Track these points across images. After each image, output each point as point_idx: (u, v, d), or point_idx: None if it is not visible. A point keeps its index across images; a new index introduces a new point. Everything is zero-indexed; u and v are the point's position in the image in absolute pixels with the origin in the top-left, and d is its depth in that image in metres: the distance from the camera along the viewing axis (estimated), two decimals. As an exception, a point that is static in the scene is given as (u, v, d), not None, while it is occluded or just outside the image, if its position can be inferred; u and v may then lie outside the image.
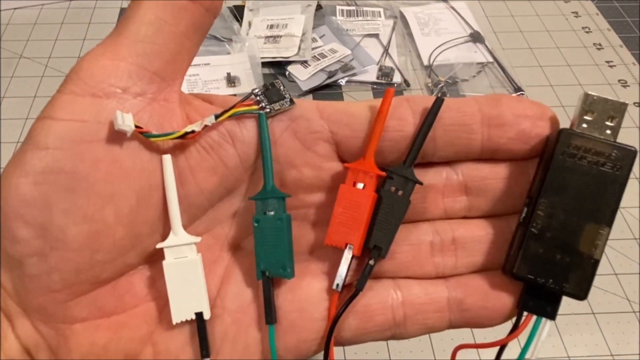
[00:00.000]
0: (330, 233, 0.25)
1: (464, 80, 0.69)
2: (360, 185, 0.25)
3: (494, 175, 0.26)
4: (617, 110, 0.23)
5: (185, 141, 0.24)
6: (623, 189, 0.23)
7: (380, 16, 0.76)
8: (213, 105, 0.26)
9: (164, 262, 0.24)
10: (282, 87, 0.26)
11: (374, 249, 0.25)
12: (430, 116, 0.25)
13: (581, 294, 0.23)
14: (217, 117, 0.24)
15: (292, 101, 0.26)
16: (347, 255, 0.25)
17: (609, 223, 0.23)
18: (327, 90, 0.68)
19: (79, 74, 0.23)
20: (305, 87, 0.67)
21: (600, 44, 0.74)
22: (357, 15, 0.76)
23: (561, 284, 0.23)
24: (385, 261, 0.26)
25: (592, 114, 0.23)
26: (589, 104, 0.23)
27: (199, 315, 0.25)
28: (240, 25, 0.73)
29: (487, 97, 0.25)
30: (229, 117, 0.25)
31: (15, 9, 0.74)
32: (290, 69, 0.68)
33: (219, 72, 0.66)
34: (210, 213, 0.26)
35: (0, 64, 0.69)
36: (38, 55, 0.70)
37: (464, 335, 0.47)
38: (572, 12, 0.79)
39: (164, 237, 0.25)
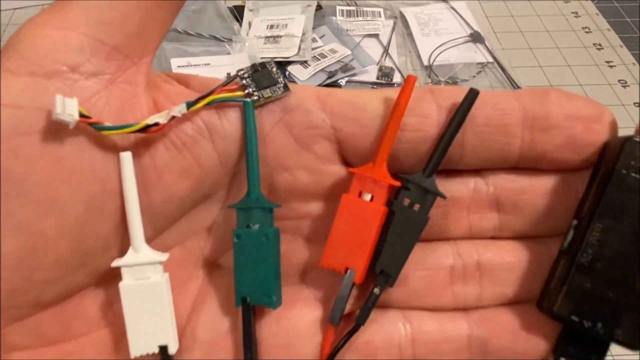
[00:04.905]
0: (328, 253, 0.20)
1: (464, 80, 0.66)
2: (367, 197, 0.20)
3: (534, 190, 0.20)
4: None
5: (150, 136, 0.19)
6: None
7: (380, 16, 0.74)
8: (189, 89, 0.20)
9: (121, 284, 0.19)
10: (274, 69, 0.20)
11: (380, 275, 0.20)
12: (459, 114, 0.19)
13: (636, 343, 0.18)
14: (189, 105, 0.19)
15: (286, 87, 0.20)
16: (348, 283, 0.20)
17: None
18: (326, 90, 0.64)
19: (15, 46, 0.17)
20: (305, 87, 0.63)
21: (600, 44, 0.72)
22: (357, 16, 0.74)
23: (612, 329, 0.18)
24: (395, 287, 0.20)
25: None
26: None
27: (163, 349, 0.20)
28: (240, 25, 0.71)
29: (532, 91, 0.20)
30: (206, 105, 0.19)
31: (15, 9, 0.71)
32: (290, 69, 0.66)
33: (219, 72, 0.63)
34: (181, 223, 0.21)
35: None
36: (38, 56, 0.66)
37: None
38: (572, 12, 0.76)
39: (122, 253, 0.19)
